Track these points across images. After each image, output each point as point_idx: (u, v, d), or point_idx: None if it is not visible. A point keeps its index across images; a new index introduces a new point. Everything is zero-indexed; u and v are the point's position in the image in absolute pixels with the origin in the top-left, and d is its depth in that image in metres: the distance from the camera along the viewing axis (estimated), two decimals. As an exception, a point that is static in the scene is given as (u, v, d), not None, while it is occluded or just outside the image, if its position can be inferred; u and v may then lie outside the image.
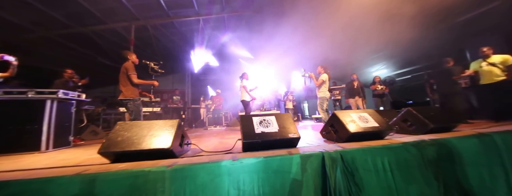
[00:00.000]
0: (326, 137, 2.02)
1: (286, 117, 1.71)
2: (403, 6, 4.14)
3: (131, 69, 2.49)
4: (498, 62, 2.91)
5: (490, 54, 3.00)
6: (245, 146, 1.50)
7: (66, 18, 4.77)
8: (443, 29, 4.80)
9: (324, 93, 3.49)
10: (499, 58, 2.93)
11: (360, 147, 1.45)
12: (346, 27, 4.97)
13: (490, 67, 2.96)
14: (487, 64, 2.99)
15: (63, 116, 2.60)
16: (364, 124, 1.69)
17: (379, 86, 4.48)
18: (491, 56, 3.00)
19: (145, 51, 7.20)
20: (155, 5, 5.04)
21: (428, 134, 1.89)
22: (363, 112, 1.83)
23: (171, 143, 1.38)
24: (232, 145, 1.77)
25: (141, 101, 2.58)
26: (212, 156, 1.45)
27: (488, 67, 2.97)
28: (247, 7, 5.74)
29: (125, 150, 1.34)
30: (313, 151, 1.38)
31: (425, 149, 1.55)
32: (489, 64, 2.97)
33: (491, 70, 2.95)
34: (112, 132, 1.47)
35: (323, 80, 3.48)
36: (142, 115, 2.62)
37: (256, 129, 1.55)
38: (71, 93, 2.62)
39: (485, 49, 3.03)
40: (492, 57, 2.99)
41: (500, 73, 2.89)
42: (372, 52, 6.59)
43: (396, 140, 1.63)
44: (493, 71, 2.93)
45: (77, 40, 5.71)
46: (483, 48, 3.06)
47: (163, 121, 1.58)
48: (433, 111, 2.01)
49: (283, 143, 1.55)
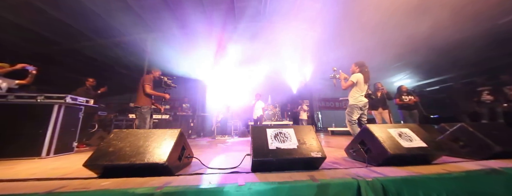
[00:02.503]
0: (354, 156, 1.66)
1: (307, 130, 1.41)
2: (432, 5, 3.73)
3: (147, 81, 2.72)
4: None
5: None
6: (255, 165, 1.22)
7: (89, 31, 5.13)
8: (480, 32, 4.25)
9: (355, 100, 2.58)
10: None
11: (408, 174, 1.10)
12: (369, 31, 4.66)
13: None
14: None
15: (70, 121, 2.55)
16: (408, 143, 1.33)
17: (406, 97, 3.97)
18: None
19: (160, 60, 7.49)
20: (169, 18, 5.26)
21: (490, 159, 1.46)
22: (404, 127, 1.47)
23: (167, 157, 1.15)
24: (239, 160, 1.50)
25: (150, 109, 2.68)
26: (214, 175, 1.18)
27: None
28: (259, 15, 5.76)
29: (114, 163, 1.13)
30: (344, 177, 1.05)
31: (498, 183, 1.14)
32: None
33: None
34: (105, 141, 1.29)
35: (353, 82, 2.59)
36: (149, 124, 2.67)
37: (270, 144, 1.27)
38: (79, 99, 2.59)
39: None
40: None
41: None
42: (395, 60, 6.10)
43: (454, 166, 1.24)
44: None
45: (98, 51, 6.10)
46: None
47: (162, 130, 1.37)
48: (496, 129, 1.58)
49: (302, 163, 1.24)
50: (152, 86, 2.71)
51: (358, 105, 2.58)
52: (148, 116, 2.62)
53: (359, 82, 2.59)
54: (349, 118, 2.58)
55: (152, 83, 2.72)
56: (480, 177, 1.12)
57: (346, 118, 2.63)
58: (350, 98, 2.66)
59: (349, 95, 2.68)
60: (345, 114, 2.67)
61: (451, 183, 1.09)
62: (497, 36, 4.24)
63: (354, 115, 2.57)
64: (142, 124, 2.55)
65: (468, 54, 5.03)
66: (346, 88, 2.68)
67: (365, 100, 2.61)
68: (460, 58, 5.25)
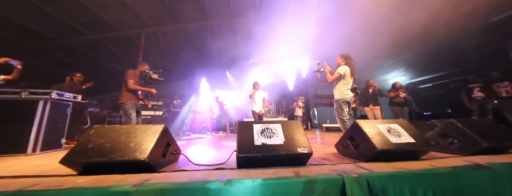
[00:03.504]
0: (343, 152, 1.64)
1: (295, 125, 1.38)
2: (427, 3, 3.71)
3: (129, 75, 2.59)
4: None
5: None
6: (239, 161, 1.19)
7: (82, 26, 4.96)
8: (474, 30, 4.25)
9: (342, 94, 2.41)
10: None
11: (394, 170, 1.08)
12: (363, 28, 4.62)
13: None
14: None
15: (57, 117, 2.48)
16: (396, 139, 1.32)
17: (401, 94, 3.98)
18: None
19: (155, 56, 7.34)
20: (164, 13, 5.11)
21: (477, 155, 1.46)
22: (393, 123, 1.46)
23: (148, 154, 1.11)
24: (227, 156, 1.47)
25: (134, 105, 2.58)
26: (198, 171, 1.15)
27: None
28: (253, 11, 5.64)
29: (92, 160, 1.09)
30: (329, 174, 1.03)
31: (483, 178, 1.14)
32: None
33: None
34: (84, 137, 1.24)
35: (340, 74, 2.40)
36: (136, 120, 2.59)
37: (256, 140, 1.24)
38: (66, 95, 2.51)
39: None
40: None
41: None
42: (390, 57, 6.09)
43: (441, 162, 1.24)
44: None
45: (92, 46, 5.93)
46: None
47: (145, 126, 1.33)
48: (484, 124, 1.58)
49: (289, 159, 1.22)
50: (135, 81, 2.59)
51: (345, 98, 2.41)
52: (132, 112, 2.51)
53: (346, 75, 2.44)
54: (340, 115, 2.39)
55: (135, 78, 2.59)
56: (466, 173, 1.12)
57: (337, 115, 2.43)
58: (336, 92, 2.48)
59: (335, 89, 2.50)
60: (335, 111, 2.49)
61: (437, 179, 1.08)
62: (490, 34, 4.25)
63: (344, 110, 2.39)
64: (128, 120, 2.46)
65: (462, 52, 5.04)
66: (333, 81, 2.51)
67: (351, 94, 2.46)
68: (454, 56, 5.27)
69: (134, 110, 2.55)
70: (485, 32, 4.27)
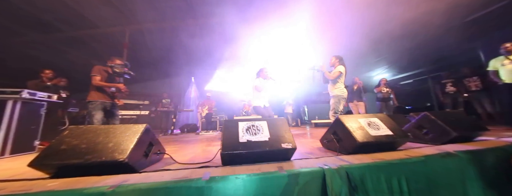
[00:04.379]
0: (328, 146, 1.70)
1: (280, 122, 1.40)
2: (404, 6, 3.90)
3: (94, 71, 2.39)
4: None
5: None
6: (224, 158, 1.19)
7: (58, 22, 4.58)
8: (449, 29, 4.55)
9: (341, 91, 2.63)
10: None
11: (371, 161, 1.14)
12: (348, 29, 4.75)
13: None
14: (511, 61, 2.68)
15: (29, 118, 2.30)
16: (375, 132, 1.38)
17: (385, 89, 4.18)
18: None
19: (141, 54, 7.01)
20: (149, 10, 4.86)
21: (448, 144, 1.59)
22: (373, 117, 1.53)
23: (128, 154, 1.07)
24: (213, 155, 1.46)
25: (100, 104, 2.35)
26: (181, 170, 1.13)
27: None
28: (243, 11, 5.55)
29: (65, 162, 1.02)
30: (311, 167, 1.06)
31: (452, 164, 1.24)
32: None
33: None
34: (57, 139, 1.16)
35: (340, 71, 2.63)
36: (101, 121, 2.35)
37: (241, 137, 1.24)
38: (39, 94, 2.33)
39: (508, 45, 2.73)
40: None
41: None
42: (374, 56, 6.35)
43: (414, 152, 1.32)
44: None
45: (71, 43, 5.52)
46: (506, 44, 2.76)
47: (125, 126, 1.27)
48: (454, 116, 1.70)
49: (274, 155, 1.23)
50: (102, 77, 2.37)
51: (343, 95, 2.63)
52: (96, 113, 2.28)
53: (343, 74, 2.66)
54: (336, 109, 2.58)
55: (101, 74, 2.37)
56: (436, 160, 1.20)
57: (332, 109, 2.59)
58: (336, 89, 2.66)
59: (334, 86, 2.67)
60: (331, 106, 2.64)
61: (411, 167, 1.16)
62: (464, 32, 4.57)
63: (341, 106, 2.60)
64: (91, 121, 2.24)
65: (438, 50, 5.38)
66: (334, 79, 2.68)
67: (346, 91, 2.69)
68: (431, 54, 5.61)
69: (99, 110, 2.32)
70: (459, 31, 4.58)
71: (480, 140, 1.66)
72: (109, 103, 2.43)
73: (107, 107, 2.43)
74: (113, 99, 2.55)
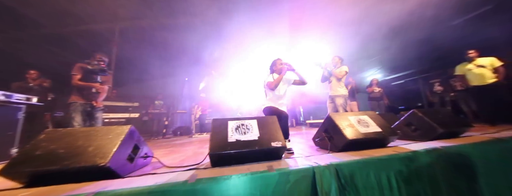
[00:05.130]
0: (319, 144, 1.70)
1: (270, 121, 1.38)
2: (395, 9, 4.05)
3: (74, 70, 2.17)
4: (487, 65, 2.82)
5: (476, 57, 2.96)
6: (213, 159, 1.15)
7: (40, 17, 4.36)
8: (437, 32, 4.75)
9: (345, 90, 2.74)
10: (487, 60, 2.88)
11: (360, 158, 1.14)
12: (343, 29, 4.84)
13: (480, 70, 2.88)
14: (476, 66, 2.91)
15: (5, 123, 2.15)
16: (365, 129, 1.39)
17: (377, 89, 4.28)
18: (477, 59, 2.94)
19: (132, 54, 6.81)
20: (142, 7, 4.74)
21: (435, 140, 1.63)
22: (363, 114, 1.54)
23: (110, 158, 1.01)
24: (204, 157, 1.42)
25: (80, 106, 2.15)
26: (167, 173, 1.09)
27: (479, 70, 2.89)
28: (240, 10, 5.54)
29: (40, 169, 0.95)
30: (302, 166, 1.05)
31: (439, 159, 1.26)
32: (478, 66, 2.89)
33: (482, 73, 2.87)
34: (31, 144, 1.08)
35: (346, 71, 2.72)
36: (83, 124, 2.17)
37: (229, 137, 1.21)
38: (16, 96, 2.19)
39: (471, 52, 2.98)
40: (478, 60, 2.94)
41: (491, 75, 2.82)
42: (367, 57, 6.51)
43: (403, 148, 1.34)
44: (484, 74, 2.85)
45: (56, 41, 5.26)
46: (469, 51, 3.03)
47: (108, 128, 1.21)
48: (441, 113, 1.75)
49: (264, 154, 1.21)
50: (82, 76, 2.15)
51: (347, 94, 2.75)
52: (76, 115, 2.09)
53: (347, 73, 2.78)
54: (345, 109, 2.67)
55: (81, 73, 2.15)
56: (423, 156, 1.22)
57: (342, 110, 2.65)
58: (341, 88, 2.72)
59: (338, 85, 2.72)
60: (340, 106, 2.68)
61: (399, 163, 1.17)
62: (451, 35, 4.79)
63: (347, 105, 2.70)
64: (71, 124, 2.07)
65: (428, 51, 5.60)
66: (341, 78, 2.75)
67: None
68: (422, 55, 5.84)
69: (78, 113, 2.13)
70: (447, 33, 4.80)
71: (465, 136, 1.72)
72: (89, 104, 2.24)
73: (86, 108, 2.22)
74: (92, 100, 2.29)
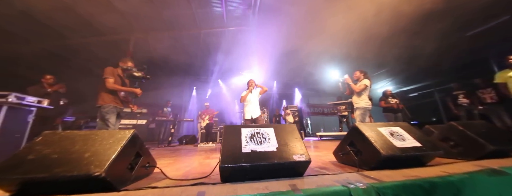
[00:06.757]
0: (343, 160, 1.48)
1: (289, 129, 1.21)
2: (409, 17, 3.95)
3: (106, 73, 2.20)
4: None
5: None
6: (224, 173, 0.98)
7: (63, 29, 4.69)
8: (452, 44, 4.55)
9: (367, 103, 2.74)
10: None
11: (404, 179, 0.92)
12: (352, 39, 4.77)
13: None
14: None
15: (14, 125, 2.12)
16: (401, 143, 1.18)
17: (392, 100, 4.00)
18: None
19: (144, 63, 7.07)
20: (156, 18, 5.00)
21: (483, 159, 1.36)
22: (395, 126, 1.34)
23: (106, 166, 0.87)
24: (211, 169, 1.25)
25: (114, 109, 2.18)
26: (170, 188, 0.92)
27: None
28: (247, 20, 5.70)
29: (28, 176, 0.83)
30: (332, 185, 0.85)
31: (500, 184, 1.01)
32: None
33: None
34: (26, 146, 0.98)
35: (365, 85, 2.76)
36: (114, 126, 2.17)
37: (243, 146, 1.05)
38: (28, 98, 2.18)
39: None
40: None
41: None
42: (378, 68, 6.31)
43: (452, 168, 1.10)
44: None
45: (74, 51, 5.59)
46: (509, 57, 2.72)
47: (109, 132, 1.09)
48: (484, 127, 1.50)
49: (283, 169, 1.02)
50: (116, 80, 2.20)
51: (369, 107, 2.74)
52: (110, 116, 2.11)
53: (369, 87, 2.82)
54: (362, 120, 2.69)
55: (114, 77, 2.19)
56: (483, 179, 0.98)
57: (359, 121, 2.68)
58: (361, 101, 2.79)
59: (360, 98, 2.81)
60: (357, 117, 2.73)
61: (454, 186, 0.94)
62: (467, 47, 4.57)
63: (367, 117, 2.70)
64: (103, 126, 2.07)
65: (443, 62, 5.34)
66: (359, 91, 2.80)
67: (371, 103, 2.81)
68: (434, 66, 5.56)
69: (113, 114, 2.15)
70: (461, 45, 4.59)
71: None
72: (120, 108, 2.27)
73: (119, 111, 2.26)
74: (125, 104, 2.38)
